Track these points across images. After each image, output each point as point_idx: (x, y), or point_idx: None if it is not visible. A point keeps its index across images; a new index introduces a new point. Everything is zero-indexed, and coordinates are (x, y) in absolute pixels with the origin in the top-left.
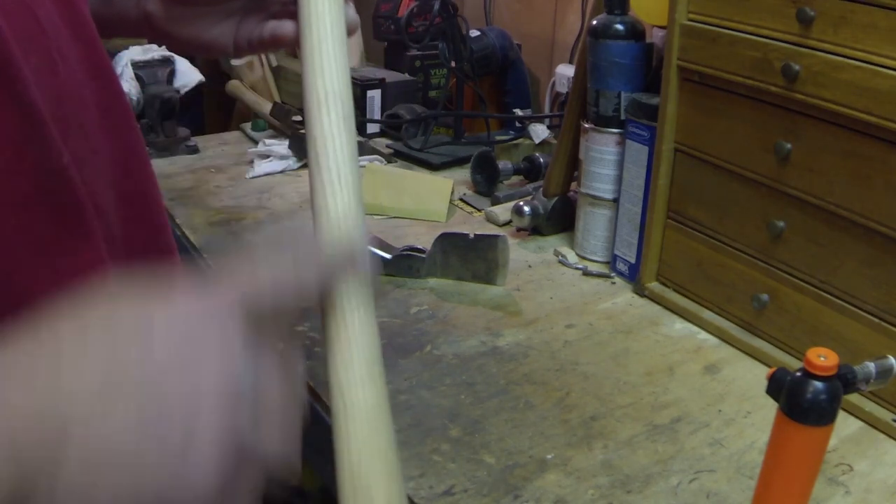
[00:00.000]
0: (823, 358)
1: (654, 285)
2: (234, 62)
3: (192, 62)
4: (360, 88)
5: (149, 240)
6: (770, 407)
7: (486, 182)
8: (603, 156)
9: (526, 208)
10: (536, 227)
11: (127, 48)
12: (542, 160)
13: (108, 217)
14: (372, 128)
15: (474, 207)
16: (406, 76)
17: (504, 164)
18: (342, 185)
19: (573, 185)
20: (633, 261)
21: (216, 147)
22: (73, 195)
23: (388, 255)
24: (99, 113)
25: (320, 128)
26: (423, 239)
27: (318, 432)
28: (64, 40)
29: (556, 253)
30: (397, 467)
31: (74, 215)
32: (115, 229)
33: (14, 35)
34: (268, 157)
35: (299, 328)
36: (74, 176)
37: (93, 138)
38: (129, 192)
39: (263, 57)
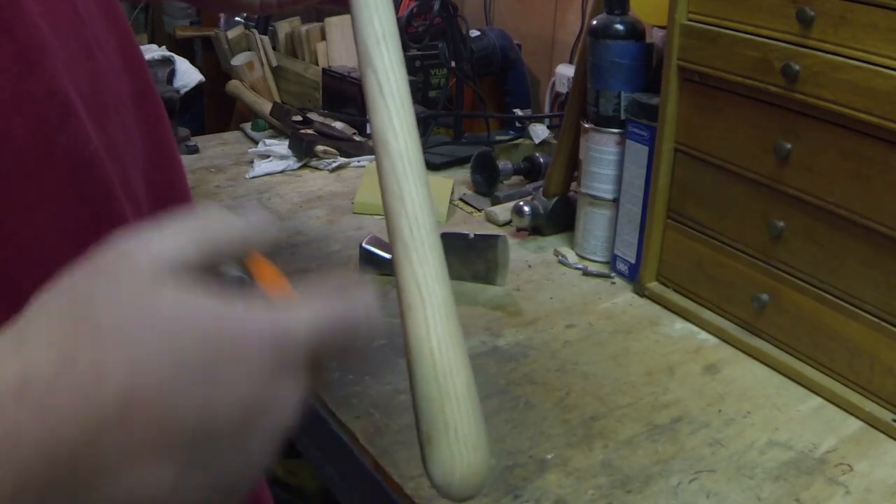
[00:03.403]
0: None
1: (654, 285)
2: (234, 62)
3: (192, 62)
4: (359, 88)
5: None
6: (770, 407)
7: (486, 182)
8: (603, 156)
9: (526, 208)
10: (536, 227)
11: None
12: (542, 160)
13: (140, 207)
14: None
15: (474, 207)
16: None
17: (504, 164)
18: (405, 110)
19: (573, 185)
20: (633, 261)
21: (216, 147)
22: (105, 184)
23: (388, 255)
24: (133, 105)
25: (381, 60)
26: None
27: (318, 433)
28: (100, 29)
29: (556, 253)
30: (467, 356)
31: (106, 205)
32: (146, 220)
33: (50, 22)
34: (268, 157)
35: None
36: (105, 164)
37: (129, 127)
38: (159, 184)
39: (263, 57)
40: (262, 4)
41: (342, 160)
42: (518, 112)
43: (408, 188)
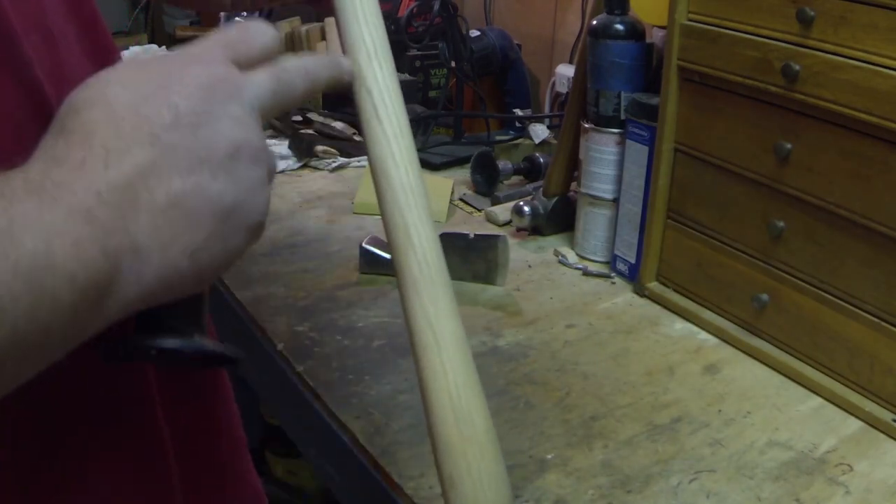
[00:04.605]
0: None
1: (654, 285)
2: None
3: None
4: None
5: None
6: (770, 407)
7: (486, 182)
8: (603, 156)
9: (526, 208)
10: (536, 227)
11: (127, 48)
12: (542, 160)
13: None
14: None
15: (474, 207)
16: (406, 76)
17: (504, 164)
18: (403, 134)
19: (573, 185)
20: (633, 261)
21: None
22: None
23: (388, 255)
24: None
25: (375, 81)
26: None
27: (318, 433)
28: (61, 19)
29: (556, 253)
30: (483, 393)
31: None
32: None
33: (15, 12)
34: None
35: (299, 328)
36: None
37: None
38: None
39: None
40: (234, 2)
41: (342, 160)
42: (518, 112)
43: (413, 221)
